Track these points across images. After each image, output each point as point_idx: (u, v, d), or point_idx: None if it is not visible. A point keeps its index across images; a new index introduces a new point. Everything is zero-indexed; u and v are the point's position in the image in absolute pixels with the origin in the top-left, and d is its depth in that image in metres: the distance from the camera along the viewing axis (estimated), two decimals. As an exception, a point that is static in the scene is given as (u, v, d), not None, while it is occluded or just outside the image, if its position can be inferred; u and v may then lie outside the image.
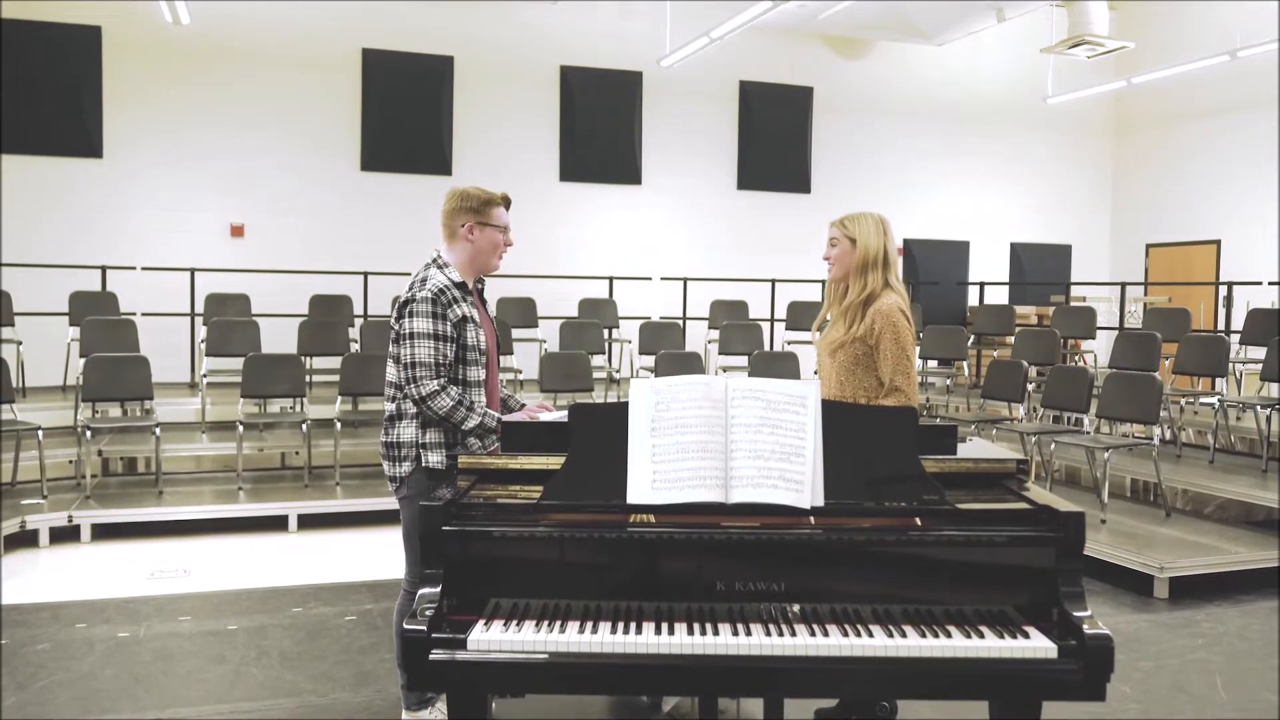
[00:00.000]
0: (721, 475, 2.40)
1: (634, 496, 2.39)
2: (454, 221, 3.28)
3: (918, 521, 2.38)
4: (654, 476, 2.40)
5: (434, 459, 3.19)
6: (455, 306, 3.19)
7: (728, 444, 2.42)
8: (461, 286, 3.24)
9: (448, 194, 3.31)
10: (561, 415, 3.39)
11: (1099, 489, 6.67)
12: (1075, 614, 2.24)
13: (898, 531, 2.36)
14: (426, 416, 3.17)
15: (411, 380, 3.13)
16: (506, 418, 3.21)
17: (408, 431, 3.21)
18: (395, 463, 3.23)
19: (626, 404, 2.47)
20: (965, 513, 2.40)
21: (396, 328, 3.22)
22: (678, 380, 2.49)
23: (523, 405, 3.51)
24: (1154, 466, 6.55)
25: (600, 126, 11.52)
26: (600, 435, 2.48)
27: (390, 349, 3.26)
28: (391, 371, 3.26)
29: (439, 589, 2.26)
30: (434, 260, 3.29)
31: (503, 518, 2.38)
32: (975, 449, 2.97)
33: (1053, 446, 6.75)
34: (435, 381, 3.12)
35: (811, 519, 2.38)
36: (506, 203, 3.35)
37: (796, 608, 2.29)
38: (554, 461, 2.57)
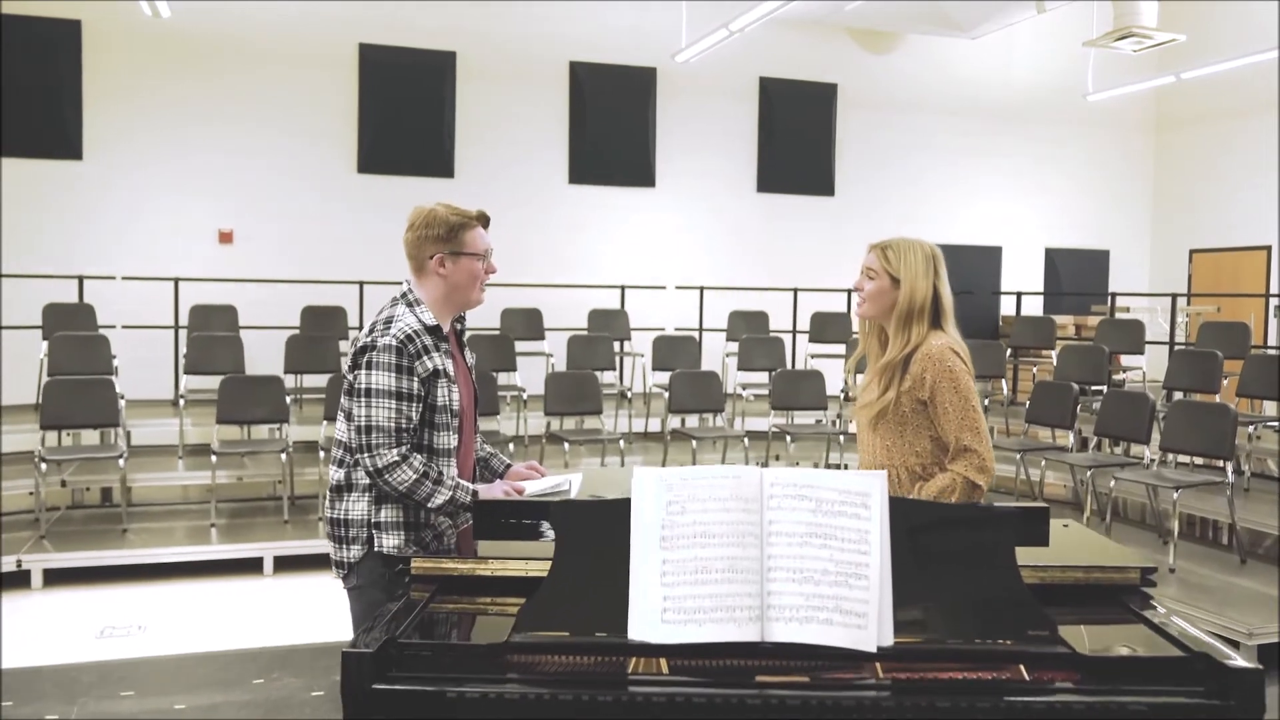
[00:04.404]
0: (756, 604, 1.80)
1: (637, 632, 1.79)
2: (420, 253, 2.63)
3: (1024, 672, 1.76)
4: (665, 605, 1.80)
5: (390, 542, 2.56)
6: (425, 358, 2.55)
7: (764, 560, 1.82)
8: (435, 331, 2.61)
9: (409, 218, 2.66)
10: (554, 483, 2.79)
11: (1161, 528, 6.00)
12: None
13: (996, 690, 1.72)
14: (381, 490, 2.55)
15: (365, 448, 2.51)
16: (483, 492, 2.59)
17: (358, 507, 2.58)
18: (342, 545, 2.60)
19: (627, 501, 1.86)
20: (1088, 661, 1.76)
21: (350, 378, 2.60)
22: (697, 472, 1.88)
23: (508, 465, 2.89)
24: (1228, 506, 5.84)
25: (612, 126, 10.90)
26: (593, 544, 1.88)
27: (343, 401, 2.63)
28: (342, 429, 2.63)
29: (364, 777, 1.65)
30: (403, 295, 2.65)
31: (459, 670, 1.75)
32: (1078, 545, 2.33)
33: (1112, 482, 6.05)
34: (394, 451, 2.49)
35: (878, 665, 1.76)
36: (484, 221, 2.72)
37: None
38: (538, 565, 1.98)
